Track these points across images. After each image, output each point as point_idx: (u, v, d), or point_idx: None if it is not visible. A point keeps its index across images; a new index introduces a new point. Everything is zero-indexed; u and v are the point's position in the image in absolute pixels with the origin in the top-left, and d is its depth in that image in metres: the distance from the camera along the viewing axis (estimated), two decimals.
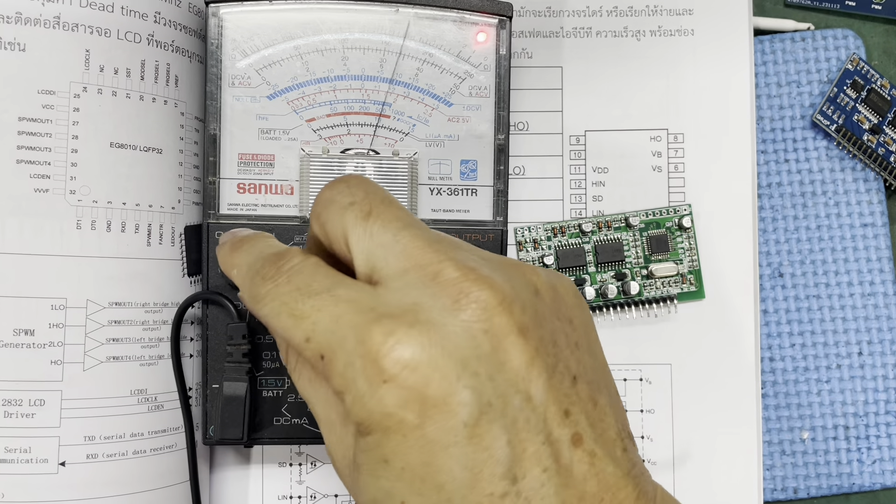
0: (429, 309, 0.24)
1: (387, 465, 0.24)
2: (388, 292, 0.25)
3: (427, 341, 0.23)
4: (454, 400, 0.23)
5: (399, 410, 0.23)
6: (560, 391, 0.24)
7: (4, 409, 0.32)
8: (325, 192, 0.27)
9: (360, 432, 0.24)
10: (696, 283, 0.40)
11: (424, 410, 0.23)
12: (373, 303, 0.24)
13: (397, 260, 0.25)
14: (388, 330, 0.23)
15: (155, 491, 0.35)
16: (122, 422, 0.34)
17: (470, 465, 0.23)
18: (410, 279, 0.25)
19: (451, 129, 0.36)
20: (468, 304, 0.24)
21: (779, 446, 0.40)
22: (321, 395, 0.27)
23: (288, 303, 0.26)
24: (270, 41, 0.35)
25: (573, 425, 0.24)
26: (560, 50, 0.40)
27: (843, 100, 0.41)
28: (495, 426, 0.23)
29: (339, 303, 0.25)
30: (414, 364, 0.23)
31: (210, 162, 0.35)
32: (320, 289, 0.25)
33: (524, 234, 0.39)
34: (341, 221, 0.26)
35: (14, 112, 0.33)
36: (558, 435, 0.24)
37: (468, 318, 0.24)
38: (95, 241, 0.34)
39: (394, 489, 0.24)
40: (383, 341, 0.23)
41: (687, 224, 0.39)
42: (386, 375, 0.23)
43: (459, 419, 0.23)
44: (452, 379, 0.23)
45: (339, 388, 0.24)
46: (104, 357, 0.34)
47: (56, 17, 0.33)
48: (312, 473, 0.39)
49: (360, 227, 0.26)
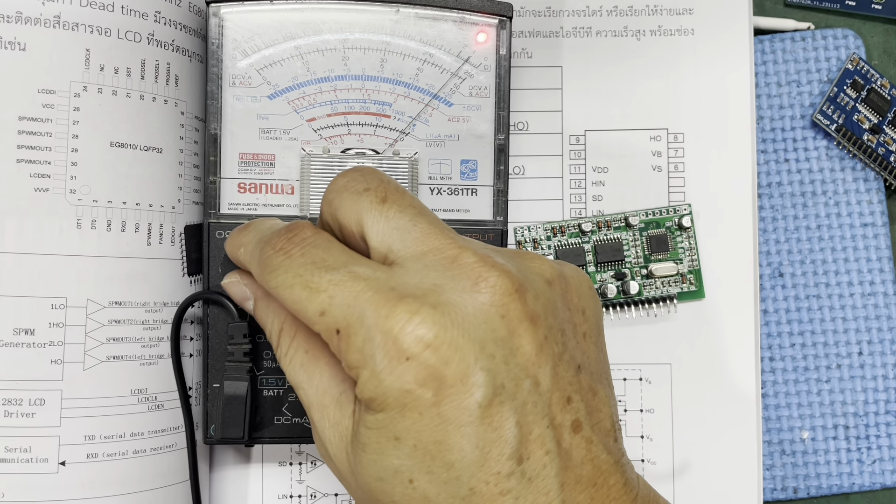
0: (449, 290, 0.24)
1: (398, 443, 0.24)
2: (406, 273, 0.25)
3: (448, 322, 0.24)
4: (471, 380, 0.24)
5: (417, 388, 0.24)
6: (564, 379, 0.25)
7: (4, 408, 0.32)
8: (339, 180, 0.28)
9: (369, 409, 0.25)
10: (696, 282, 0.40)
11: (442, 389, 0.24)
12: (392, 282, 0.25)
13: (415, 243, 0.26)
14: (413, 309, 0.24)
15: (155, 490, 0.35)
16: (122, 421, 0.34)
17: (480, 445, 0.24)
18: (429, 261, 0.25)
19: (451, 129, 0.36)
20: (486, 288, 0.25)
21: (779, 446, 0.40)
22: (314, 378, 0.28)
23: (303, 275, 0.26)
24: (271, 41, 0.35)
25: (574, 412, 0.25)
26: (560, 50, 0.40)
27: (843, 99, 0.41)
28: (506, 408, 0.24)
29: (358, 279, 0.25)
30: (436, 343, 0.24)
31: (211, 161, 0.35)
32: (337, 264, 0.26)
33: (524, 233, 0.39)
34: (356, 206, 0.27)
35: (14, 111, 0.33)
36: (560, 420, 0.25)
37: (486, 302, 0.24)
38: (95, 240, 0.34)
39: (402, 466, 0.24)
40: (407, 319, 0.24)
41: (687, 224, 0.39)
42: (408, 353, 0.24)
43: (474, 399, 0.24)
44: (470, 360, 0.24)
45: (355, 364, 0.25)
46: (104, 356, 0.34)
47: (56, 16, 0.33)
48: (313, 473, 0.39)
49: (375, 210, 0.27)
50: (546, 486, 0.24)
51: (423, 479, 0.24)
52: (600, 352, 0.28)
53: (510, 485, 0.24)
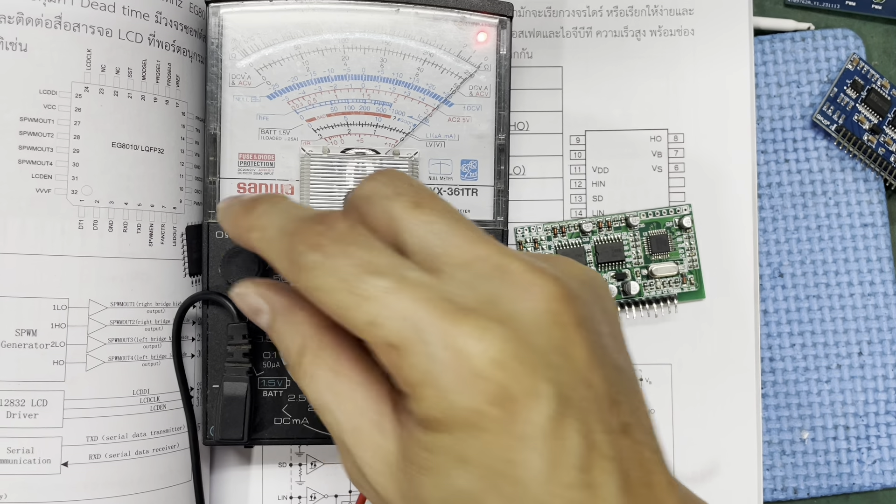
0: (505, 301, 0.24)
1: (464, 464, 0.23)
2: (456, 283, 0.24)
3: (512, 335, 0.23)
4: (538, 394, 0.23)
5: (489, 407, 0.23)
6: (611, 382, 0.25)
7: (7, 409, 0.32)
8: (367, 185, 0.26)
9: (429, 429, 0.24)
10: (696, 283, 0.40)
11: (512, 406, 0.23)
12: (446, 293, 0.24)
13: (459, 251, 0.25)
14: (478, 324, 0.23)
15: (157, 491, 0.35)
16: (124, 422, 0.34)
17: (549, 458, 0.23)
18: (477, 271, 0.24)
19: (451, 129, 0.36)
20: (539, 296, 0.24)
21: (779, 446, 0.40)
22: (345, 400, 0.26)
23: (347, 279, 0.24)
24: (271, 41, 0.35)
25: (622, 414, 0.25)
26: (560, 50, 0.40)
27: (843, 100, 0.41)
28: (570, 418, 0.23)
29: (411, 288, 0.24)
30: (504, 359, 0.23)
31: (210, 161, 0.35)
32: (385, 268, 0.24)
33: (524, 233, 0.39)
34: (387, 212, 0.25)
35: (15, 112, 0.33)
36: (613, 424, 0.24)
37: (541, 310, 0.24)
38: (97, 241, 0.34)
39: (471, 488, 0.23)
40: (473, 336, 0.23)
41: (687, 224, 0.39)
42: (477, 371, 0.23)
43: (544, 413, 0.23)
44: (536, 373, 0.23)
45: (415, 382, 0.23)
46: (106, 357, 0.34)
47: (57, 16, 0.33)
48: (312, 473, 0.39)
49: (410, 216, 0.25)
50: (607, 493, 0.23)
51: (491, 498, 0.23)
52: (627, 349, 0.27)
53: (576, 495, 0.23)
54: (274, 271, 0.35)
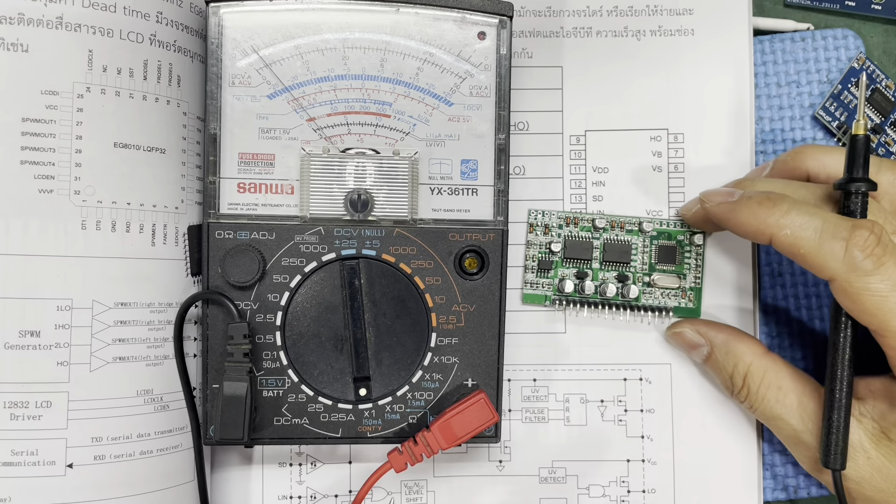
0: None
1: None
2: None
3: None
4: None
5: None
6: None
7: (11, 411, 0.32)
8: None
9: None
10: (694, 300, 0.39)
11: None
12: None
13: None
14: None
15: (162, 491, 0.35)
16: (128, 422, 0.34)
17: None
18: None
19: (451, 129, 0.36)
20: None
21: (779, 446, 0.40)
22: (794, 409, 0.35)
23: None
24: (271, 40, 0.35)
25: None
26: (560, 50, 0.40)
27: (846, 97, 0.41)
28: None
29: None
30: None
31: (210, 161, 0.35)
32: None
33: (537, 216, 0.39)
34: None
35: (17, 113, 0.33)
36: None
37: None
38: (100, 241, 0.34)
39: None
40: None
41: (699, 241, 0.39)
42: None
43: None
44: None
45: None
46: (110, 358, 0.34)
47: (59, 17, 0.33)
48: (312, 473, 0.39)
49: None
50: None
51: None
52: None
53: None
54: (274, 272, 0.35)
